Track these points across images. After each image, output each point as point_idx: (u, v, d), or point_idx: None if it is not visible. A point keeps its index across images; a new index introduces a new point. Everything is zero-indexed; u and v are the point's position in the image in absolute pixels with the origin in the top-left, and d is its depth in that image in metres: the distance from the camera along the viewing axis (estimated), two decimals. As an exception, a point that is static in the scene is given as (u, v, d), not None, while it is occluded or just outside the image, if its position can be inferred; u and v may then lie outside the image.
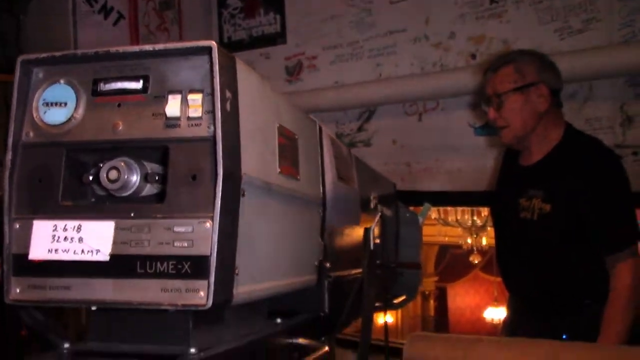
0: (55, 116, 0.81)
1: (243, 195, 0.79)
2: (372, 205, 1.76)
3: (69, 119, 0.80)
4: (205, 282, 0.73)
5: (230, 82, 0.77)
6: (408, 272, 2.35)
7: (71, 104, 0.81)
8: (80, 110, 0.81)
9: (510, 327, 2.23)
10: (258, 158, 0.86)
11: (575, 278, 1.96)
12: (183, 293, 0.73)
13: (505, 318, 2.43)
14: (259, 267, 0.88)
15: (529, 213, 2.00)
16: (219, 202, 0.73)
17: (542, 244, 2.00)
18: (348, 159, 1.48)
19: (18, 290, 0.78)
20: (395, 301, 2.16)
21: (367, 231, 1.44)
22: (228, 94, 0.76)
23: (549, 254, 1.98)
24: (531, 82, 1.99)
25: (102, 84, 0.81)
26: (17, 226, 0.79)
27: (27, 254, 0.78)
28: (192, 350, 0.78)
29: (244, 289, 0.81)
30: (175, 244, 0.74)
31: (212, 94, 0.75)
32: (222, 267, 0.74)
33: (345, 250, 1.39)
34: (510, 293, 2.24)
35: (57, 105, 0.81)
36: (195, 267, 0.73)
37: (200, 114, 0.77)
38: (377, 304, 1.71)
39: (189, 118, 0.77)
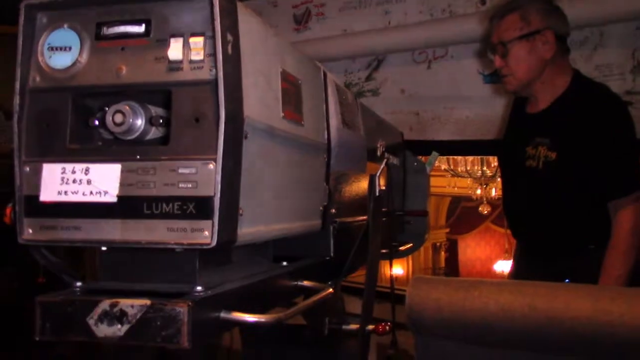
0: (60, 60, 0.82)
1: (246, 137, 0.80)
2: (379, 153, 1.77)
3: (74, 63, 0.82)
4: (209, 222, 0.75)
5: (231, 25, 0.78)
6: (415, 219, 2.38)
7: (75, 48, 0.82)
8: (85, 55, 0.82)
9: (515, 277, 2.27)
10: (260, 102, 0.87)
11: (580, 224, 1.98)
12: (188, 232, 0.76)
13: (510, 269, 2.47)
14: (263, 209, 0.90)
15: (535, 161, 2.00)
16: (222, 144, 0.75)
17: (548, 191, 2.01)
18: (354, 106, 1.48)
19: (30, 231, 0.81)
20: (402, 249, 2.20)
21: (372, 177, 1.45)
22: (229, 37, 0.77)
23: (554, 201, 2.00)
24: (537, 30, 1.97)
25: (105, 28, 0.82)
26: (27, 169, 0.81)
27: (38, 196, 0.81)
28: (199, 287, 0.81)
29: (248, 230, 0.83)
30: (180, 185, 0.76)
31: (214, 36, 0.76)
32: (225, 208, 0.76)
33: (350, 196, 1.41)
34: (516, 239, 2.26)
35: (62, 50, 0.82)
36: (199, 207, 0.75)
37: (202, 57, 0.77)
38: (382, 251, 1.74)
39: (191, 61, 0.78)
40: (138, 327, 0.74)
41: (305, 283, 1.15)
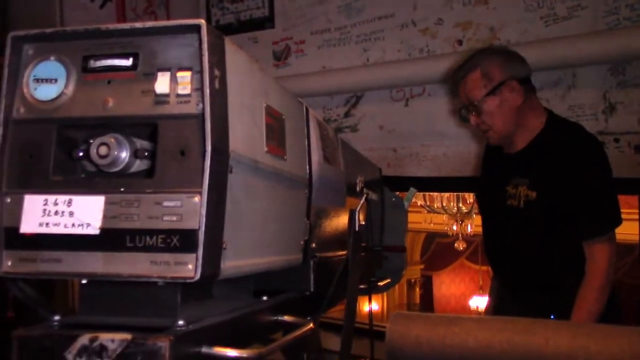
0: (46, 92, 0.82)
1: (231, 171, 0.80)
2: (358, 189, 1.78)
3: (60, 95, 0.82)
4: (193, 255, 0.74)
5: (218, 60, 0.79)
6: (393, 255, 2.39)
7: (61, 81, 0.82)
8: (71, 87, 0.82)
9: (494, 312, 2.30)
10: (245, 136, 0.87)
11: (561, 260, 2.01)
12: (172, 266, 0.75)
13: (487, 305, 2.48)
14: (246, 243, 0.90)
15: (516, 200, 2.04)
16: (207, 177, 0.75)
17: (529, 230, 2.05)
18: (334, 141, 1.50)
19: (9, 263, 0.79)
20: (380, 284, 2.19)
21: (352, 212, 1.46)
22: (217, 72, 0.78)
23: (535, 238, 2.03)
24: (500, 82, 2.01)
25: (92, 61, 0.82)
26: (9, 200, 0.80)
27: (18, 228, 0.79)
28: (180, 322, 0.80)
29: (231, 264, 0.83)
30: (164, 218, 0.76)
31: (201, 71, 0.77)
32: (210, 241, 0.75)
33: (330, 231, 1.42)
34: (496, 275, 2.28)
35: (48, 82, 0.82)
36: (183, 240, 0.75)
37: (189, 91, 0.78)
38: (361, 286, 1.74)
39: (177, 95, 0.78)
40: (118, 363, 0.73)
41: (286, 318, 1.14)
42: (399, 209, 2.51)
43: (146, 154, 0.81)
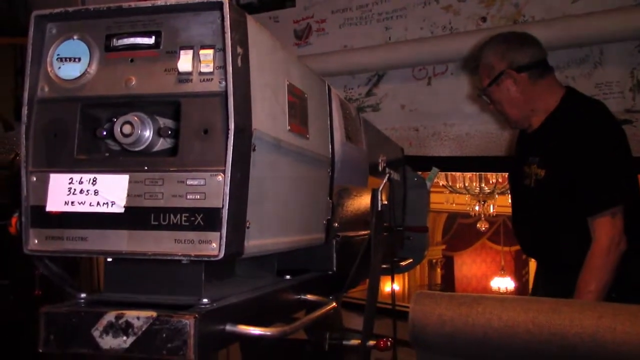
0: (69, 71, 0.82)
1: (254, 150, 0.80)
2: (380, 168, 1.77)
3: (83, 74, 0.82)
4: (217, 234, 0.74)
5: (241, 38, 0.78)
6: (415, 235, 2.38)
7: (85, 59, 0.82)
8: (94, 66, 0.82)
9: (532, 292, 2.34)
10: (268, 114, 0.87)
11: (573, 239, 1.99)
12: (196, 244, 0.75)
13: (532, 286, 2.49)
14: (269, 222, 0.90)
15: (529, 180, 2.05)
16: (231, 156, 0.75)
17: (540, 209, 2.05)
18: (357, 121, 1.49)
19: (36, 241, 0.80)
20: (402, 264, 2.20)
21: (374, 192, 1.45)
22: (239, 50, 0.77)
23: (550, 217, 2.03)
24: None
25: (114, 40, 0.82)
26: (34, 179, 0.81)
27: (44, 206, 0.80)
28: (205, 300, 0.81)
29: (255, 242, 0.83)
30: (188, 197, 0.76)
31: (224, 49, 0.76)
32: (233, 220, 0.76)
33: (353, 210, 1.41)
34: (527, 255, 2.31)
35: (71, 61, 0.82)
36: (207, 219, 0.75)
37: (211, 69, 0.78)
38: (384, 266, 1.73)
39: (200, 73, 0.78)
40: (143, 339, 0.73)
41: (309, 297, 1.14)
42: (422, 188, 2.50)
43: (169, 132, 0.81)
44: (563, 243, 2.01)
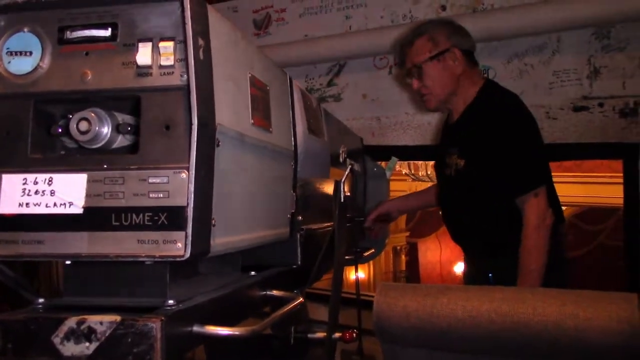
0: (21, 65, 0.78)
1: (218, 145, 0.78)
2: (341, 159, 1.76)
3: (35, 69, 0.78)
4: (182, 233, 0.72)
5: (202, 29, 0.75)
6: (375, 225, 2.39)
7: (37, 53, 0.78)
8: (47, 60, 0.78)
9: (466, 278, 2.42)
10: (231, 108, 0.85)
11: (497, 225, 2.07)
12: (160, 244, 0.73)
13: (463, 270, 2.57)
14: (235, 219, 0.88)
15: (450, 169, 2.12)
16: (194, 152, 0.72)
17: (461, 197, 2.12)
18: (318, 112, 1.47)
19: (-11, 246, 0.76)
20: (365, 254, 2.21)
21: (337, 183, 1.44)
22: (201, 42, 0.74)
23: (471, 205, 2.10)
24: (445, 49, 2.10)
25: (68, 32, 0.78)
26: (-14, 180, 0.77)
27: (-3, 209, 0.76)
28: (170, 301, 0.78)
29: (221, 240, 0.81)
30: (151, 195, 0.73)
31: (185, 41, 0.73)
32: (199, 218, 0.73)
33: (316, 203, 1.40)
34: (454, 242, 2.35)
35: (22, 55, 0.78)
36: (172, 218, 0.73)
37: (172, 62, 0.75)
38: (347, 257, 1.73)
39: (160, 66, 0.75)
40: (108, 345, 0.71)
41: (274, 293, 1.13)
42: (381, 178, 2.51)
43: (129, 128, 0.78)
44: (485, 229, 2.10)
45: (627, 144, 2.44)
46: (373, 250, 2.33)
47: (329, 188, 1.49)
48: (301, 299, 1.12)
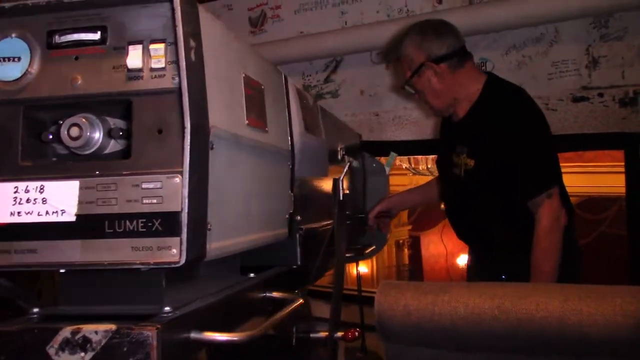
0: (9, 71, 0.77)
1: (212, 148, 0.76)
2: (339, 156, 1.75)
3: (24, 74, 0.77)
4: (177, 239, 0.71)
5: (193, 30, 0.74)
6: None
7: (25, 59, 0.77)
8: (36, 65, 0.77)
9: (471, 271, 2.36)
10: (225, 110, 0.83)
11: (507, 226, 2.03)
12: (155, 251, 0.71)
13: (467, 262, 2.53)
14: (231, 222, 0.87)
15: (458, 169, 2.08)
16: (188, 156, 0.71)
17: (470, 198, 2.08)
18: (314, 110, 1.46)
19: (-19, 256, 0.75)
20: (366, 251, 2.19)
21: (336, 181, 1.43)
22: (192, 43, 0.73)
23: (481, 205, 2.06)
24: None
25: (57, 36, 0.77)
26: (-24, 189, 0.76)
27: (-12, 218, 0.75)
28: (167, 308, 0.77)
29: (217, 244, 0.79)
30: (144, 201, 0.72)
31: (175, 43, 0.72)
32: (194, 223, 0.72)
33: (315, 202, 1.39)
34: (459, 239, 2.33)
35: (10, 60, 0.77)
36: (166, 223, 0.71)
37: (163, 65, 0.74)
38: (348, 255, 1.72)
39: (151, 69, 0.74)
40: (103, 355, 0.69)
41: (275, 294, 1.12)
42: (381, 174, 2.50)
43: (121, 133, 0.77)
44: (495, 230, 2.06)
45: (628, 134, 2.42)
46: (374, 247, 2.32)
47: (327, 186, 1.48)
48: (301, 300, 1.11)
